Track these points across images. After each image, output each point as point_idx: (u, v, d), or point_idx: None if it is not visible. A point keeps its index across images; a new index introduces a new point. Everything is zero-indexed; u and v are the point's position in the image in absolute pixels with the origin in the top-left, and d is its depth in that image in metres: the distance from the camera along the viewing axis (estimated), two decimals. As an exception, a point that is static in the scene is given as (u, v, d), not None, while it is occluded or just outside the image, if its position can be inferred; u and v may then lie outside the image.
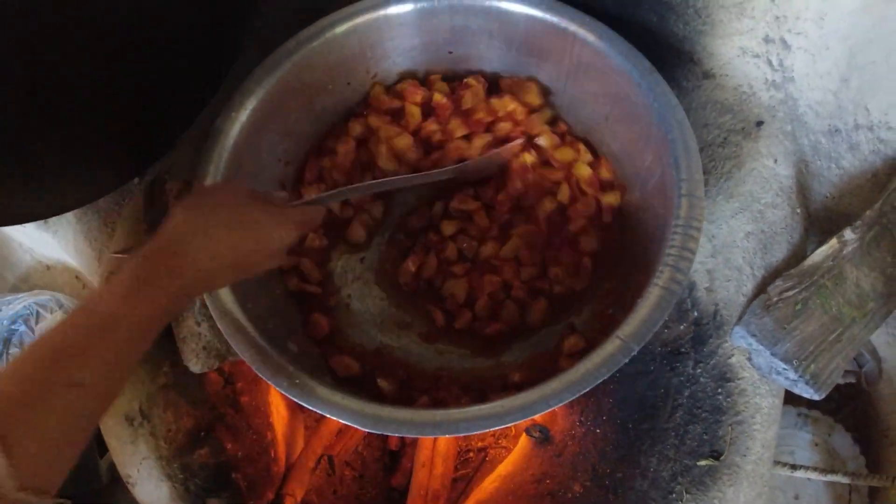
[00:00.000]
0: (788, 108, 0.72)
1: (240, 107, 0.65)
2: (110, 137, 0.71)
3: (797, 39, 0.67)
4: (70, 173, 0.72)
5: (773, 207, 0.68)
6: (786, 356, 0.62)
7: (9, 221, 0.72)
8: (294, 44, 0.67)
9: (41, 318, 0.98)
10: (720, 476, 0.61)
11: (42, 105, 0.62)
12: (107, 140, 0.71)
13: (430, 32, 0.71)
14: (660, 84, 0.60)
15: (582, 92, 0.70)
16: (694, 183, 0.55)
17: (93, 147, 0.71)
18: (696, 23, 0.67)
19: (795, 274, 0.65)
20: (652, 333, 0.49)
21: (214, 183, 0.60)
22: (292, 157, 0.73)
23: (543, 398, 0.47)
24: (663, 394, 0.64)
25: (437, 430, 0.46)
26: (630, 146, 0.66)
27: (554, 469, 0.66)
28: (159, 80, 0.70)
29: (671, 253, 0.53)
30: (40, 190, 0.71)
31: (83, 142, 0.69)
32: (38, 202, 0.72)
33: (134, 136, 0.73)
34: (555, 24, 0.66)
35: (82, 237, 0.86)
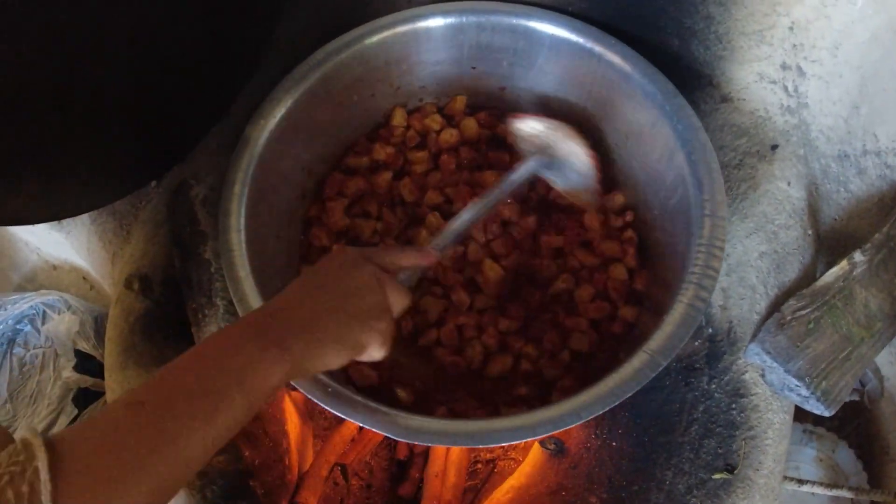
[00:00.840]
0: (802, 132, 0.74)
1: (269, 115, 0.65)
2: (130, 141, 0.72)
3: (812, 67, 0.70)
4: (89, 175, 0.72)
5: (786, 228, 0.70)
6: (799, 373, 0.63)
7: (26, 221, 0.72)
8: (323, 55, 0.68)
9: (48, 319, 0.97)
10: (734, 489, 0.62)
11: (64, 107, 0.62)
12: (126, 143, 0.72)
13: (455, 48, 0.73)
14: (684, 107, 0.62)
15: (604, 112, 0.71)
16: (717, 203, 0.57)
17: (112, 150, 0.71)
18: (717, 48, 0.70)
19: (808, 294, 0.67)
20: (678, 349, 0.50)
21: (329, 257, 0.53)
22: (315, 168, 0.74)
23: (574, 411, 0.48)
24: (678, 408, 0.65)
25: (471, 441, 0.47)
26: (650, 165, 0.68)
27: (569, 481, 0.67)
28: (180, 86, 0.70)
29: (695, 271, 0.55)
30: (58, 191, 0.71)
31: (103, 144, 0.69)
32: (56, 203, 0.72)
33: (153, 140, 0.74)
34: (580, 44, 0.68)
35: (96, 238, 0.86)
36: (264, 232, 0.65)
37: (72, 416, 0.95)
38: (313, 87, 0.67)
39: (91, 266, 0.91)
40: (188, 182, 0.69)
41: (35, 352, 1.01)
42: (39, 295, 1.01)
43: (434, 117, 0.76)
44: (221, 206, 0.60)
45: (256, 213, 0.62)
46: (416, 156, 0.74)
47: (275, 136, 0.65)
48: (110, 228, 0.85)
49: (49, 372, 1.00)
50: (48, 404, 0.98)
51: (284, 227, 0.70)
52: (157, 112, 0.70)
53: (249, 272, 0.58)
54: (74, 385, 0.96)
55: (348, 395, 0.51)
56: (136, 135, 0.71)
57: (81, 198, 0.74)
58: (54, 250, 1.07)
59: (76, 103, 0.63)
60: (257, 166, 0.63)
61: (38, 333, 1.00)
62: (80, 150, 0.67)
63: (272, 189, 0.67)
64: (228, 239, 0.59)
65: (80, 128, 0.65)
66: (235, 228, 0.60)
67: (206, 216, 0.67)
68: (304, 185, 0.73)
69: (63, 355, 0.99)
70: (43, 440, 0.33)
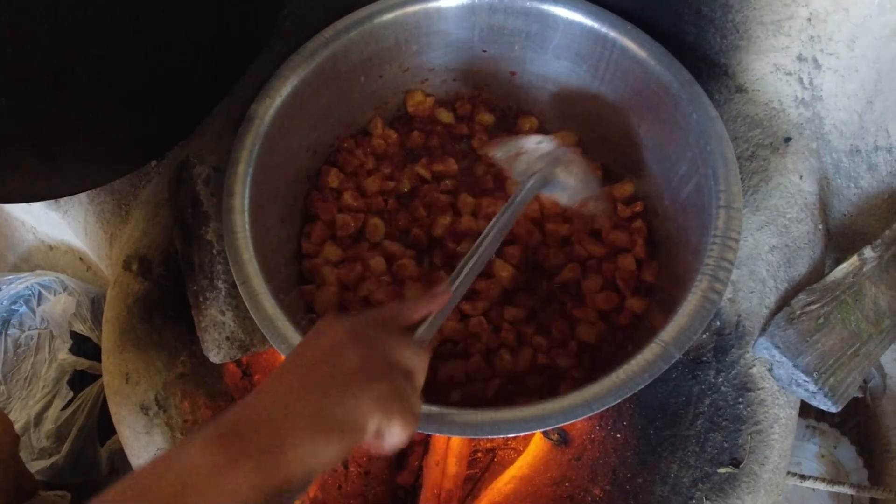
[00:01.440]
0: (815, 126, 0.73)
1: (275, 93, 0.64)
2: (131, 118, 0.70)
3: (829, 60, 0.69)
4: (88, 153, 0.70)
5: (797, 222, 0.69)
6: (807, 368, 0.63)
7: (24, 199, 0.71)
8: (332, 32, 0.66)
9: (43, 300, 0.95)
10: (739, 484, 0.61)
11: (64, 84, 0.61)
12: (127, 121, 0.70)
13: (467, 30, 0.71)
14: (700, 96, 0.61)
15: (616, 99, 0.70)
16: (732, 195, 0.56)
17: (112, 128, 0.69)
18: (734, 37, 0.68)
19: (818, 289, 0.66)
20: (692, 341, 0.50)
21: (318, 324, 0.43)
22: (320, 148, 0.72)
23: (585, 402, 0.47)
24: (684, 401, 0.65)
25: (481, 431, 0.46)
26: (662, 154, 0.67)
27: (573, 472, 0.67)
28: (183, 63, 0.69)
29: (709, 263, 0.54)
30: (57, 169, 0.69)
31: (103, 122, 0.67)
32: (55, 181, 0.71)
33: (155, 118, 0.72)
34: (595, 29, 0.66)
35: (94, 218, 0.84)
36: (269, 215, 0.63)
37: (67, 398, 0.94)
38: (321, 65, 0.66)
39: (88, 247, 0.89)
40: (191, 161, 0.67)
41: (30, 333, 0.99)
42: (35, 275, 1.00)
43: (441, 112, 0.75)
44: (225, 186, 0.59)
45: (261, 194, 0.61)
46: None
47: (281, 115, 0.63)
48: (108, 208, 0.83)
49: (44, 354, 0.98)
50: (43, 386, 0.97)
51: (289, 212, 0.69)
52: (159, 89, 0.69)
53: (253, 255, 0.57)
54: (70, 367, 0.95)
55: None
56: (137, 113, 0.70)
57: (80, 176, 0.73)
58: (51, 230, 1.05)
59: (76, 80, 0.61)
60: (263, 146, 0.62)
61: (34, 314, 0.98)
62: (79, 127, 0.66)
63: (277, 170, 0.65)
64: (232, 220, 0.57)
65: (80, 105, 0.64)
66: (239, 210, 0.58)
67: (208, 196, 0.66)
68: (308, 167, 0.72)
69: (59, 337, 0.97)
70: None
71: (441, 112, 0.76)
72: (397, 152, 0.74)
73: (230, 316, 0.63)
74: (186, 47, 0.68)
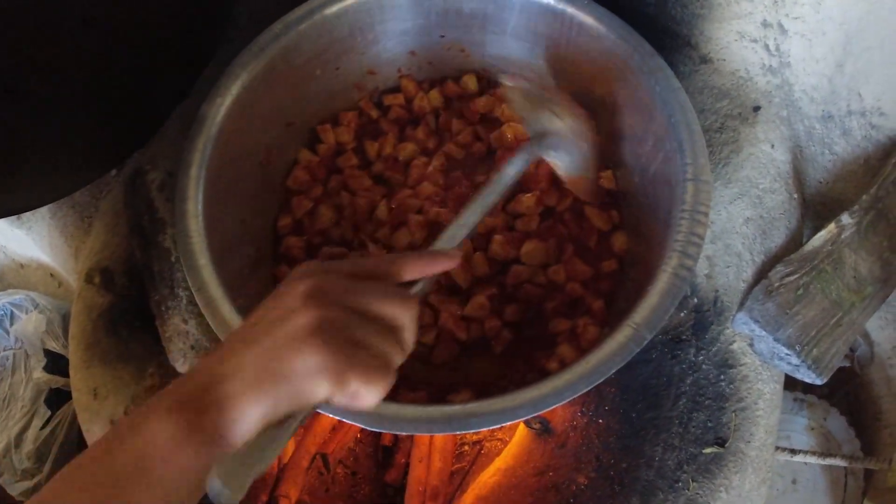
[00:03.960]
0: (784, 93, 0.71)
1: (225, 91, 0.62)
2: (86, 127, 0.68)
3: (794, 24, 0.67)
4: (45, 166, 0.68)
5: (771, 193, 0.68)
6: (788, 341, 0.61)
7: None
8: (282, 26, 0.64)
9: (16, 319, 0.93)
10: (726, 463, 0.60)
11: (17, 94, 0.59)
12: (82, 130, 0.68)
13: (422, 15, 0.69)
14: (662, 68, 0.59)
15: (578, 76, 0.68)
16: (699, 167, 0.54)
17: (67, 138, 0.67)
18: (695, 6, 0.67)
19: (796, 259, 0.65)
20: (664, 321, 0.48)
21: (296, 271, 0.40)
22: (277, 146, 0.70)
23: (556, 391, 0.46)
24: (665, 382, 0.63)
25: (448, 427, 0.45)
26: (629, 130, 0.65)
27: (556, 461, 0.65)
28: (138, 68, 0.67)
29: (678, 239, 0.52)
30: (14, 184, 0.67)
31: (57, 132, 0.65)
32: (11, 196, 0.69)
33: (111, 128, 0.70)
34: (551, 6, 0.64)
35: (57, 233, 0.82)
36: (226, 217, 0.61)
37: (45, 417, 0.92)
38: (273, 60, 0.63)
39: (55, 261, 0.87)
40: (144, 168, 0.65)
41: (5, 354, 0.97)
42: (6, 294, 0.98)
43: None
44: (177, 191, 0.57)
45: (216, 197, 0.59)
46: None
47: (233, 114, 0.61)
48: (71, 221, 0.81)
49: (21, 374, 0.97)
50: (21, 407, 0.95)
51: (250, 213, 0.67)
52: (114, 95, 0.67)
53: (209, 260, 0.55)
54: (46, 386, 0.93)
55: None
56: (94, 120, 0.68)
57: (37, 190, 0.71)
58: (19, 248, 1.03)
59: (27, 88, 0.59)
60: (215, 147, 0.60)
61: (8, 335, 0.96)
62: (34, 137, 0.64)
63: (233, 171, 0.63)
64: (186, 225, 0.56)
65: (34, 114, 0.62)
66: (193, 214, 0.56)
67: (163, 203, 0.64)
68: (268, 166, 0.69)
69: (33, 356, 0.95)
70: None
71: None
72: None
73: (193, 324, 0.61)
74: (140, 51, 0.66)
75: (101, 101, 0.65)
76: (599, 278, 0.64)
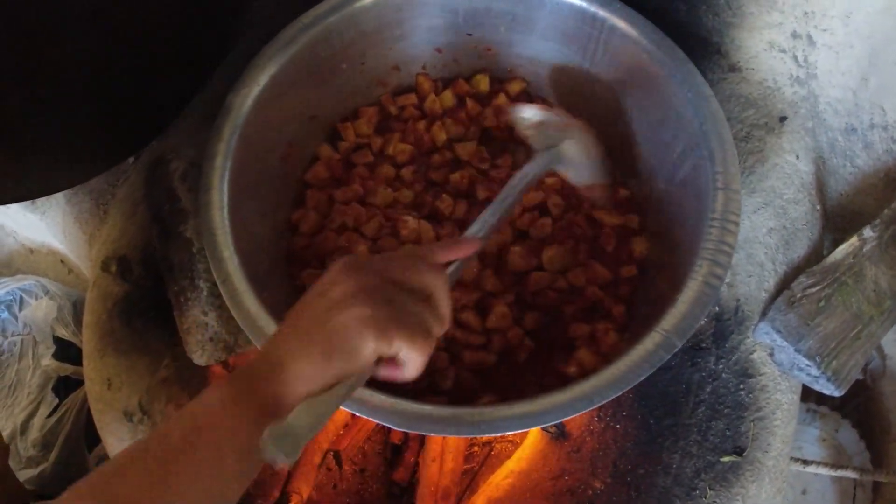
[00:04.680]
0: (810, 104, 0.71)
1: (253, 82, 0.61)
2: (104, 116, 0.68)
3: (823, 36, 0.67)
4: (62, 152, 0.68)
5: (794, 203, 0.68)
6: (809, 353, 0.61)
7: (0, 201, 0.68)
8: (311, 18, 0.64)
9: (25, 305, 0.93)
10: (743, 472, 0.60)
11: (33, 82, 0.59)
12: (100, 119, 0.68)
13: (451, 13, 0.68)
14: (693, 74, 0.59)
15: (606, 80, 0.68)
16: (730, 176, 0.54)
17: (86, 126, 0.67)
18: (726, 14, 0.66)
19: (818, 271, 0.65)
20: (694, 329, 0.48)
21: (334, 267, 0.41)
22: (299, 140, 0.70)
23: (585, 396, 0.45)
24: (685, 389, 0.63)
25: (476, 430, 0.44)
26: (656, 136, 0.65)
27: (572, 465, 0.65)
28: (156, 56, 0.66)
29: (708, 247, 0.52)
30: (30, 169, 0.67)
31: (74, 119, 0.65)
32: (28, 181, 0.68)
33: (129, 115, 0.70)
34: (583, 9, 0.64)
35: (72, 219, 0.81)
36: (249, 210, 0.61)
37: (52, 405, 0.91)
38: (300, 52, 0.63)
39: (68, 248, 0.86)
40: (166, 157, 0.65)
41: (13, 339, 0.96)
42: (16, 280, 0.97)
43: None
44: (202, 181, 0.56)
45: (240, 188, 0.58)
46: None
47: (259, 106, 0.61)
48: (86, 208, 0.80)
49: (28, 360, 0.96)
50: (28, 394, 0.94)
51: (270, 206, 0.66)
52: (132, 84, 0.66)
53: (234, 252, 0.54)
54: (54, 373, 0.92)
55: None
56: (110, 108, 0.67)
57: (54, 176, 0.70)
58: (31, 233, 1.02)
59: (42, 77, 0.59)
60: (241, 138, 0.59)
61: (16, 320, 0.95)
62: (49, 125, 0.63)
63: (257, 163, 0.63)
64: (211, 216, 0.55)
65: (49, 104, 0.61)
66: (218, 205, 0.56)
67: (185, 193, 0.63)
68: (288, 159, 0.69)
69: (42, 342, 0.95)
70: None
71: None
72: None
73: (213, 316, 0.61)
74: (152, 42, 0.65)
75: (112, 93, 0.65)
76: (619, 283, 0.64)
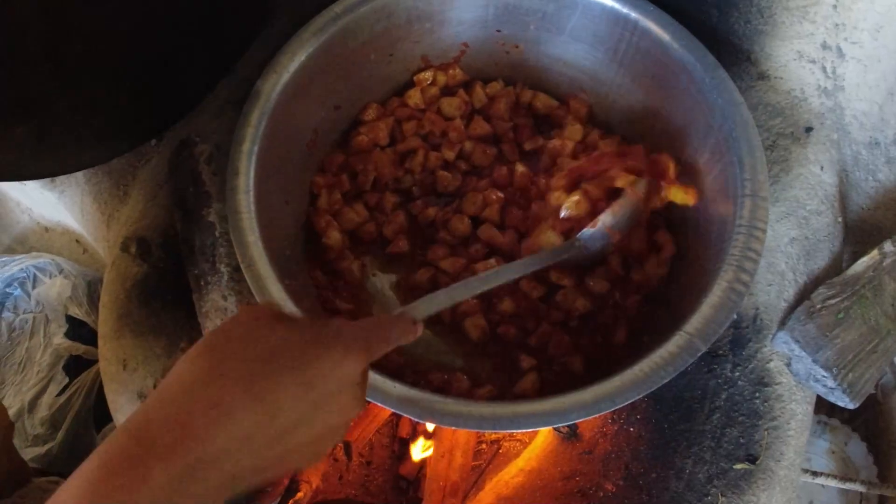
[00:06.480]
0: (836, 116, 0.71)
1: (282, 69, 0.61)
2: (129, 94, 0.67)
3: (852, 49, 0.67)
4: (85, 130, 0.68)
5: (817, 214, 0.68)
6: (826, 364, 0.61)
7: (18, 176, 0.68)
8: (342, 7, 0.64)
9: (38, 282, 0.93)
10: (755, 480, 0.60)
11: (58, 56, 0.59)
12: (125, 97, 0.67)
13: (481, 8, 0.68)
14: (725, 80, 0.59)
15: (634, 82, 0.68)
16: (758, 183, 0.54)
17: (110, 104, 0.67)
18: (758, 22, 0.66)
19: (838, 282, 0.65)
20: (718, 334, 0.48)
21: (232, 318, 0.36)
22: (324, 128, 0.70)
23: (608, 396, 0.45)
24: (700, 395, 0.63)
25: (498, 426, 0.44)
26: (683, 140, 0.64)
27: (584, 467, 0.65)
28: (184, 37, 0.66)
29: (734, 253, 0.52)
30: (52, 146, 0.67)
31: (100, 98, 0.65)
32: (50, 159, 0.68)
33: (154, 95, 0.70)
34: (615, 10, 0.64)
35: (91, 199, 0.81)
36: (274, 196, 0.61)
37: (62, 384, 0.91)
38: (330, 41, 0.63)
39: (84, 228, 0.86)
40: (192, 139, 0.65)
41: (25, 317, 0.97)
42: (31, 258, 0.97)
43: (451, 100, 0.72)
44: (230, 165, 0.56)
45: (265, 174, 0.58)
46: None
47: (288, 92, 0.61)
48: (106, 188, 0.80)
49: (39, 338, 0.96)
50: (38, 371, 0.94)
51: (293, 194, 0.66)
52: (159, 64, 0.66)
53: (259, 237, 0.54)
54: (65, 352, 0.92)
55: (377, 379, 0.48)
56: (133, 89, 0.67)
57: (76, 154, 0.70)
58: (47, 212, 1.02)
59: (67, 53, 0.58)
60: (268, 123, 0.59)
61: (29, 298, 0.95)
62: (74, 102, 0.63)
63: (283, 149, 0.63)
64: (237, 200, 0.55)
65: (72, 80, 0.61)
66: (244, 189, 0.56)
67: (210, 176, 0.63)
68: (313, 147, 0.69)
69: (54, 321, 0.95)
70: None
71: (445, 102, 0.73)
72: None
73: (232, 301, 0.61)
74: (184, 21, 0.65)
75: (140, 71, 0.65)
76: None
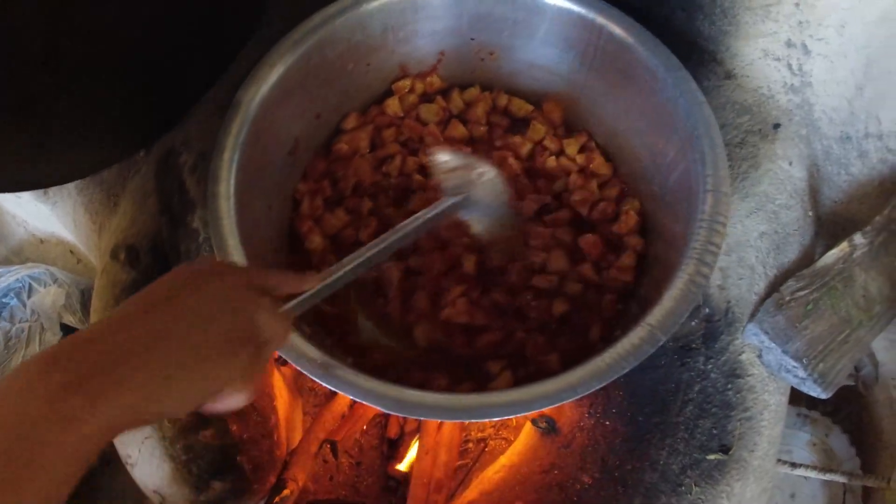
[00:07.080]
0: (805, 112, 0.73)
1: (262, 79, 0.63)
2: (120, 105, 0.70)
3: (818, 45, 0.68)
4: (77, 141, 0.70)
5: (786, 209, 0.69)
6: (796, 354, 0.62)
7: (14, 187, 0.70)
8: (320, 18, 0.66)
9: (34, 292, 0.95)
10: (728, 470, 0.61)
11: (52, 66, 0.60)
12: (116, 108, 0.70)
13: (454, 17, 0.71)
14: (687, 81, 0.61)
15: (604, 85, 0.70)
16: (719, 178, 0.56)
17: (101, 115, 0.69)
18: (722, 23, 0.68)
19: (807, 275, 0.66)
20: (678, 325, 0.49)
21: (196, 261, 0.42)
22: (306, 136, 0.72)
23: (570, 386, 0.47)
24: (674, 388, 0.64)
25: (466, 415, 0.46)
26: (651, 140, 0.66)
27: (562, 460, 0.66)
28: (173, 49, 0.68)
29: (696, 247, 0.53)
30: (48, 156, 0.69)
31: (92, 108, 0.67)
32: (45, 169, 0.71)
33: (144, 107, 0.72)
34: (582, 15, 0.66)
35: (82, 209, 0.84)
36: (255, 203, 0.63)
37: (57, 390, 0.93)
38: (308, 52, 0.65)
39: (77, 238, 0.89)
40: (177, 149, 0.67)
41: (21, 326, 0.99)
42: (26, 268, 0.99)
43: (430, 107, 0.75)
44: (210, 172, 0.58)
45: (247, 181, 0.60)
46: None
47: (268, 102, 0.63)
48: (97, 199, 0.83)
49: (35, 346, 0.98)
50: (34, 379, 0.96)
51: (276, 201, 0.68)
52: (148, 75, 0.68)
53: (239, 242, 0.56)
54: (60, 359, 0.94)
55: (340, 369, 0.49)
56: (127, 99, 0.69)
57: (69, 164, 0.72)
58: (41, 223, 1.05)
59: (66, 59, 0.60)
60: (249, 133, 0.61)
61: (24, 307, 0.98)
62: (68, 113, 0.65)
63: (264, 157, 0.65)
64: (217, 206, 0.57)
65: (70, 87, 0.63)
66: (225, 196, 0.58)
67: (194, 184, 0.66)
68: (295, 155, 0.71)
69: (49, 329, 0.97)
70: None
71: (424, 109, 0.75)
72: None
73: (217, 304, 0.63)
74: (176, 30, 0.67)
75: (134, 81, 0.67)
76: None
